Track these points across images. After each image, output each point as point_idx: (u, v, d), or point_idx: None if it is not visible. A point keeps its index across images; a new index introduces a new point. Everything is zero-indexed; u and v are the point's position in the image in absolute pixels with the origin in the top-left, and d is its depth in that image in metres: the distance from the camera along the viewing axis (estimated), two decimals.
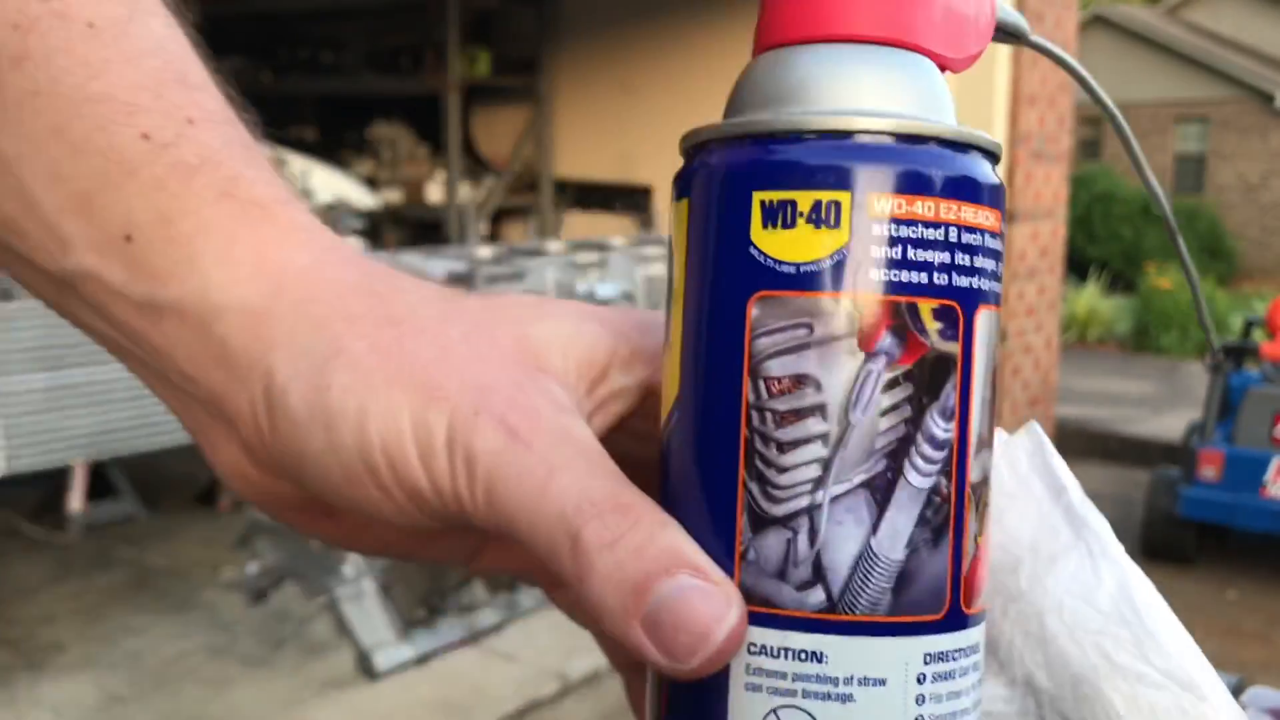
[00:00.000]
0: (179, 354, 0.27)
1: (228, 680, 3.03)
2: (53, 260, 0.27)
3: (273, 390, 0.25)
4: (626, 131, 5.55)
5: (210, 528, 4.09)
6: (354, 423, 0.25)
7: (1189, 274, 0.43)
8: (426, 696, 2.90)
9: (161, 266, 0.26)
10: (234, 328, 0.26)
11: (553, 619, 3.20)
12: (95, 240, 0.26)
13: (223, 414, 0.27)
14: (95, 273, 0.27)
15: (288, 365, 0.25)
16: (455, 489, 0.24)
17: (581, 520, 0.23)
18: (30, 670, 3.07)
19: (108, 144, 0.26)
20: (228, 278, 0.26)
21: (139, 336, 0.27)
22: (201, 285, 0.26)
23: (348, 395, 0.25)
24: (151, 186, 0.26)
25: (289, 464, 0.26)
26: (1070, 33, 5.36)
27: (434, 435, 0.24)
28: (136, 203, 0.26)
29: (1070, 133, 5.53)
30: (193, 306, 0.26)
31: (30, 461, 3.05)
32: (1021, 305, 5.24)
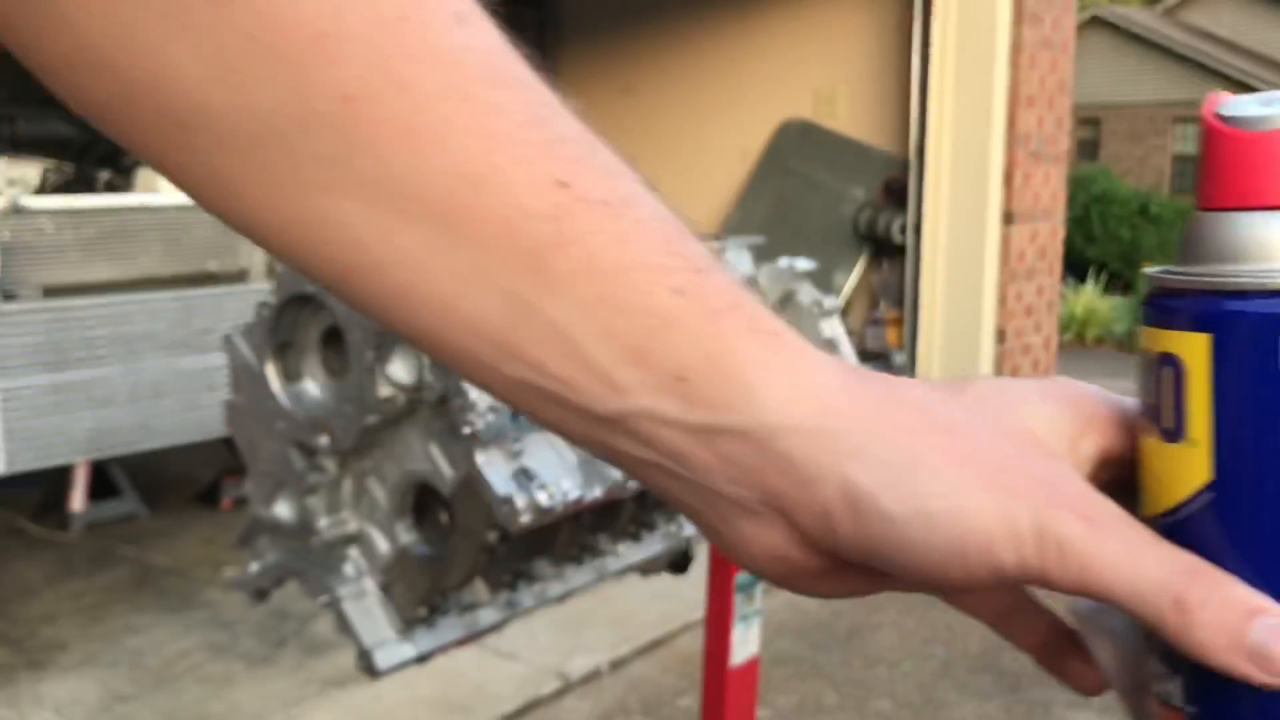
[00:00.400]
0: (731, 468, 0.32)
1: (229, 679, 3.05)
2: (604, 405, 0.33)
3: (858, 496, 0.31)
4: (627, 133, 5.57)
5: (211, 527, 4.11)
6: (951, 520, 0.31)
7: None
8: (427, 695, 2.92)
9: (716, 397, 0.32)
10: (797, 444, 0.32)
11: (553, 618, 3.22)
12: (651, 384, 0.32)
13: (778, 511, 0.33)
14: (651, 410, 0.32)
15: (868, 475, 0.31)
16: (1044, 568, 0.31)
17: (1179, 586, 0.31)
18: (32, 669, 3.09)
19: (650, 303, 0.32)
20: (780, 401, 0.32)
21: (684, 456, 0.33)
22: (758, 410, 0.32)
23: (942, 500, 0.31)
24: (694, 333, 0.32)
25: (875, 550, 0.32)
26: (1069, 34, 5.38)
27: (1021, 526, 0.31)
28: (684, 348, 0.32)
29: (1068, 134, 5.56)
30: (752, 429, 0.32)
31: (32, 461, 3.07)
32: (1020, 305, 5.27)
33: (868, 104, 5.43)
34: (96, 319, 3.14)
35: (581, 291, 0.32)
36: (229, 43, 0.30)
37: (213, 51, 0.30)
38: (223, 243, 3.59)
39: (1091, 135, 19.42)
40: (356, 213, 0.32)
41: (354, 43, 0.31)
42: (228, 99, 0.31)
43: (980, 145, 4.96)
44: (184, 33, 0.30)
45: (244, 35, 0.30)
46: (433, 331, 0.33)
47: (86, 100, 0.32)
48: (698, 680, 1.57)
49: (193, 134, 0.32)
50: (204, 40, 0.30)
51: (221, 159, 0.32)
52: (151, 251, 3.42)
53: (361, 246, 0.32)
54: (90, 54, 0.31)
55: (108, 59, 0.31)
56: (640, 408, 0.32)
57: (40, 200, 3.40)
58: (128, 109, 0.32)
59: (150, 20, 0.30)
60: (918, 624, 3.65)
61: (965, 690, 3.24)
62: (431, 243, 0.32)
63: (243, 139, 0.31)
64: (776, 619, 3.57)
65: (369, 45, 0.31)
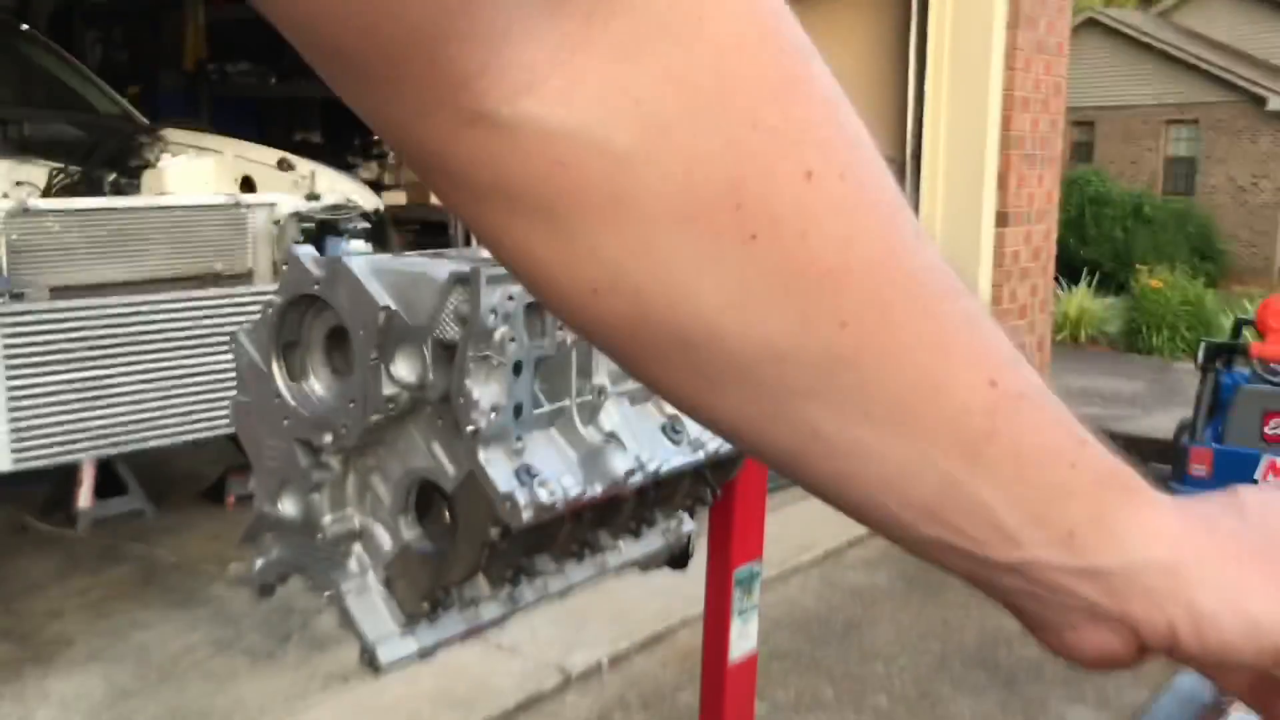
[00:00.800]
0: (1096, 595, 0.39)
1: (234, 674, 3.08)
2: (1005, 555, 0.39)
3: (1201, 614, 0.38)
4: None
5: (217, 523, 4.12)
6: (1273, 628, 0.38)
7: None
8: (429, 689, 2.95)
9: (1096, 547, 0.39)
10: (1154, 577, 0.39)
11: (554, 613, 3.24)
12: (1045, 540, 0.39)
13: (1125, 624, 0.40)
14: (1044, 560, 0.39)
15: (1208, 598, 0.38)
16: None
17: None
18: (38, 664, 3.11)
19: (1054, 478, 0.38)
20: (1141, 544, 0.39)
21: (1060, 589, 0.39)
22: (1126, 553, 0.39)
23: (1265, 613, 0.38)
24: (1084, 499, 0.39)
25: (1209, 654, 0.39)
26: (1063, 37, 5.41)
27: None
28: (1076, 513, 0.39)
29: (1062, 136, 5.59)
30: (1121, 568, 0.39)
31: (39, 458, 3.09)
32: (1014, 305, 5.30)
33: (863, 106, 5.41)
34: (103, 319, 3.16)
35: (1004, 472, 0.38)
36: (750, 278, 0.34)
37: (735, 285, 0.34)
38: (228, 244, 3.62)
39: (1085, 137, 19.40)
40: (825, 413, 0.37)
41: (852, 275, 0.35)
42: (738, 325, 0.35)
43: (975, 147, 4.98)
44: (715, 266, 0.34)
45: (765, 270, 0.34)
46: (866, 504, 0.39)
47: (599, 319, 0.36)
48: (697, 675, 1.59)
49: (698, 353, 0.36)
50: (729, 276, 0.34)
51: (718, 372, 0.36)
52: (158, 252, 3.45)
53: (821, 439, 0.37)
54: (621, 283, 0.35)
55: (634, 287, 0.35)
56: (1035, 558, 0.39)
57: (47, 201, 3.43)
58: (642, 329, 0.36)
59: (685, 257, 0.34)
60: (914, 620, 3.68)
61: (961, 685, 3.27)
62: (886, 437, 0.37)
63: (744, 357, 0.36)
64: (774, 614, 3.60)
65: (864, 277, 0.35)
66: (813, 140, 0.35)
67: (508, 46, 0.31)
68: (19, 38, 5.04)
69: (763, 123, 0.34)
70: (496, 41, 0.31)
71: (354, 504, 1.21)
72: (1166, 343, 9.13)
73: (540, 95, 0.32)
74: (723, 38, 0.33)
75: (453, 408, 1.05)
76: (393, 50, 0.31)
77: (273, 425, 1.18)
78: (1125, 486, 0.40)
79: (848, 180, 0.36)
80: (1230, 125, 18.48)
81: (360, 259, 1.12)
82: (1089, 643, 0.41)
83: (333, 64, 0.33)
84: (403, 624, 1.23)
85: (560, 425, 1.13)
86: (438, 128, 0.33)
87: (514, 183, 0.34)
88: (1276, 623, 0.38)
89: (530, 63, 0.32)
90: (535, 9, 0.31)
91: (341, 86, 0.34)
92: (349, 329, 1.11)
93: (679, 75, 0.33)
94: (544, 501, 1.04)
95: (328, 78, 0.34)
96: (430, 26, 0.31)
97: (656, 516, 1.38)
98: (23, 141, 4.25)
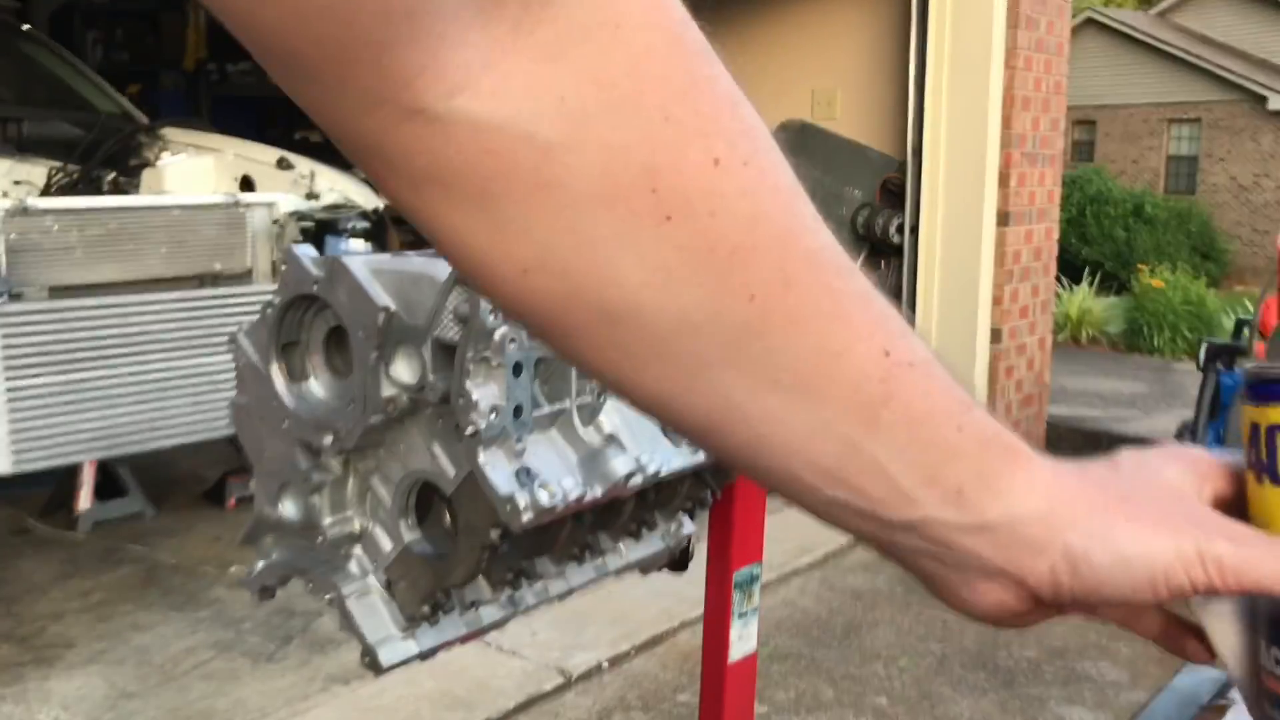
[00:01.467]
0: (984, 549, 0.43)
1: (235, 675, 3.08)
2: (901, 514, 0.43)
3: (1075, 555, 0.43)
4: None
5: (217, 525, 4.13)
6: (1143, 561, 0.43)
7: None
8: (430, 691, 2.95)
9: (982, 502, 0.43)
10: (1033, 527, 0.43)
11: (554, 615, 3.25)
12: (938, 499, 0.43)
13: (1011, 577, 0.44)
14: (936, 517, 0.43)
15: (1079, 540, 0.43)
16: (1209, 581, 0.42)
17: None
18: (39, 666, 3.11)
19: (943, 439, 0.42)
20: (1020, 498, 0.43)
21: (951, 544, 0.43)
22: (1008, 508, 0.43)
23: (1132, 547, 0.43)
24: (970, 459, 0.43)
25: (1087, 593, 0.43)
26: (1063, 36, 5.41)
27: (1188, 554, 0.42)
28: (964, 471, 0.43)
29: (1063, 135, 5.58)
30: (1004, 522, 0.43)
31: (39, 460, 3.09)
32: (1015, 305, 5.29)
33: (865, 105, 5.46)
34: (102, 319, 3.16)
35: (899, 435, 0.42)
36: (666, 255, 0.38)
37: (653, 262, 0.38)
38: (227, 243, 3.62)
39: (1086, 136, 19.41)
40: (736, 381, 0.40)
41: (758, 252, 0.39)
42: (657, 299, 0.39)
43: (976, 146, 4.98)
44: (634, 245, 0.38)
45: (678, 248, 0.38)
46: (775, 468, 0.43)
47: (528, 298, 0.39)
48: (697, 676, 1.59)
49: (621, 327, 0.39)
50: (648, 253, 0.38)
51: (639, 345, 0.40)
52: (157, 252, 3.44)
53: (733, 407, 0.41)
54: (549, 261, 0.38)
55: (562, 266, 0.38)
56: (929, 515, 0.43)
57: (46, 201, 3.42)
58: (569, 305, 0.39)
59: (607, 237, 0.38)
60: (914, 621, 3.68)
61: (961, 686, 3.27)
62: (793, 404, 0.41)
63: (662, 329, 0.39)
64: (775, 616, 3.60)
65: (768, 254, 0.39)
66: (718, 131, 0.38)
67: (444, 50, 0.35)
68: (19, 37, 5.04)
69: (673, 116, 0.37)
70: (435, 46, 0.35)
71: (354, 506, 1.20)
72: (1168, 343, 9.13)
73: (473, 93, 0.36)
74: (636, 42, 0.37)
75: (453, 409, 1.05)
76: (342, 55, 0.34)
77: (272, 427, 1.18)
78: (1007, 447, 0.44)
79: (750, 167, 0.39)
80: (1231, 124, 18.48)
81: (360, 259, 1.12)
82: (986, 598, 0.45)
83: (281, 65, 0.36)
84: (403, 626, 1.22)
85: (560, 427, 1.13)
86: (378, 121, 0.36)
87: (449, 170, 0.37)
88: (1142, 557, 0.42)
89: (464, 64, 0.35)
90: (469, 17, 0.35)
91: (286, 83, 0.37)
92: (348, 329, 1.10)
93: (598, 75, 0.36)
94: (544, 503, 1.04)
95: (274, 75, 0.36)
96: (378, 33, 0.34)
97: (656, 519, 1.38)
98: (22, 141, 4.25)
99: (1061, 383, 6.60)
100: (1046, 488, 0.44)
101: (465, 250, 0.39)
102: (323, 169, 4.11)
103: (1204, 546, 0.42)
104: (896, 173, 5.31)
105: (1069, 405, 6.29)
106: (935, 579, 0.45)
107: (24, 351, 3.00)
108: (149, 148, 4.34)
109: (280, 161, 4.11)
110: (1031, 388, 5.53)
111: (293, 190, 3.94)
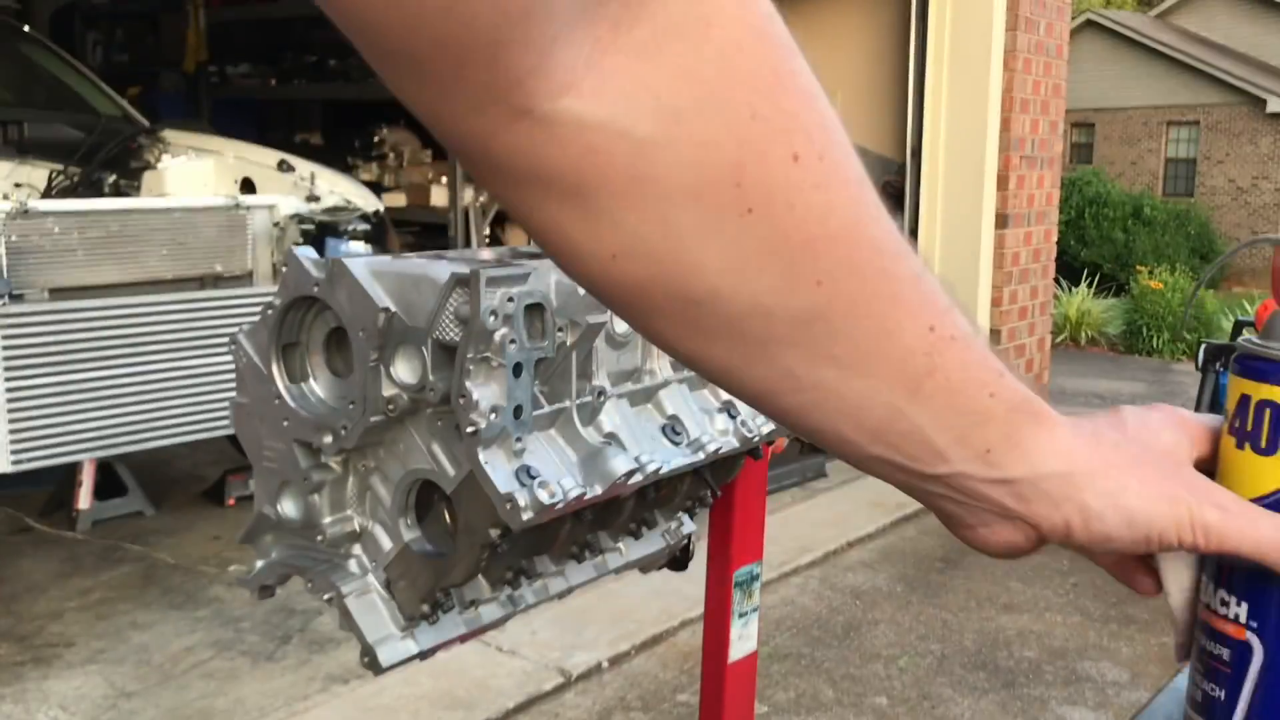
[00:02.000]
0: (1007, 499, 0.48)
1: (234, 674, 3.08)
2: (934, 468, 0.47)
3: (1089, 512, 0.48)
4: None
5: (217, 524, 4.13)
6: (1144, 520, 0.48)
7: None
8: (430, 690, 2.96)
9: (1008, 461, 0.48)
10: (1053, 484, 0.48)
11: (554, 614, 3.25)
12: (967, 456, 0.47)
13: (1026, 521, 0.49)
14: (966, 472, 0.48)
15: (1096, 500, 0.48)
16: (1196, 542, 0.49)
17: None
18: (39, 665, 3.11)
19: (976, 406, 0.47)
20: (1043, 459, 0.48)
21: (977, 494, 0.48)
22: (1031, 466, 0.48)
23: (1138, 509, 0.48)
24: (1000, 423, 0.47)
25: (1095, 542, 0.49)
26: (1063, 39, 5.42)
27: (1182, 518, 0.48)
28: (993, 434, 0.47)
29: (1062, 137, 5.59)
30: (1027, 477, 0.48)
31: (39, 459, 3.10)
32: (1014, 307, 5.30)
33: (864, 107, 5.46)
34: (103, 320, 3.16)
35: (938, 402, 0.46)
36: (745, 245, 0.41)
37: (733, 252, 0.41)
38: (228, 245, 3.62)
39: (1085, 139, 19.42)
40: (797, 357, 0.44)
41: (829, 242, 0.42)
42: (733, 285, 0.42)
43: (975, 149, 4.99)
44: (717, 235, 0.40)
45: (757, 239, 0.41)
46: (821, 429, 0.47)
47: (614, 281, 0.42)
48: (697, 676, 1.59)
49: (699, 309, 0.42)
50: (731, 241, 0.41)
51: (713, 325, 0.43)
52: (157, 253, 3.45)
53: (790, 378, 0.45)
54: (638, 249, 0.41)
55: (650, 251, 0.41)
56: (958, 470, 0.48)
57: (47, 203, 3.43)
58: (652, 289, 0.42)
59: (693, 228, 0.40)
60: (914, 621, 3.68)
61: (961, 686, 3.27)
62: (847, 377, 0.45)
63: (735, 312, 0.42)
64: (775, 615, 3.61)
65: (837, 243, 0.42)
66: (799, 127, 0.41)
67: (555, 50, 0.36)
68: (20, 39, 5.04)
69: (759, 113, 0.40)
70: (546, 46, 0.36)
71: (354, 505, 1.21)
72: (1167, 344, 9.14)
73: (578, 92, 0.37)
74: (725, 39, 0.39)
75: (453, 409, 1.05)
76: (458, 54, 0.36)
77: (272, 426, 1.18)
78: (1033, 412, 0.48)
79: (825, 160, 0.42)
80: (1230, 126, 18.49)
81: (360, 260, 1.12)
82: (998, 537, 0.50)
83: (394, 64, 0.37)
84: (403, 625, 1.22)
85: (560, 426, 1.13)
86: (489, 122, 0.38)
87: (551, 168, 0.39)
88: (1146, 515, 0.48)
89: (570, 64, 0.37)
90: (575, 18, 0.36)
91: (396, 83, 0.38)
92: (349, 330, 1.11)
93: (690, 72, 0.38)
94: (544, 502, 1.04)
95: (384, 75, 0.37)
96: (494, 33, 0.35)
97: (656, 518, 1.38)
98: (23, 143, 4.26)
99: (1061, 383, 6.61)
100: (1068, 449, 0.48)
101: (559, 239, 0.41)
102: (323, 171, 4.12)
103: (1196, 511, 0.48)
104: (896, 174, 5.32)
105: (1068, 406, 6.28)
106: (954, 518, 0.50)
107: (24, 352, 3.00)
108: (150, 150, 4.34)
109: (281, 164, 4.11)
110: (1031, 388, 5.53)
111: (293, 192, 3.95)
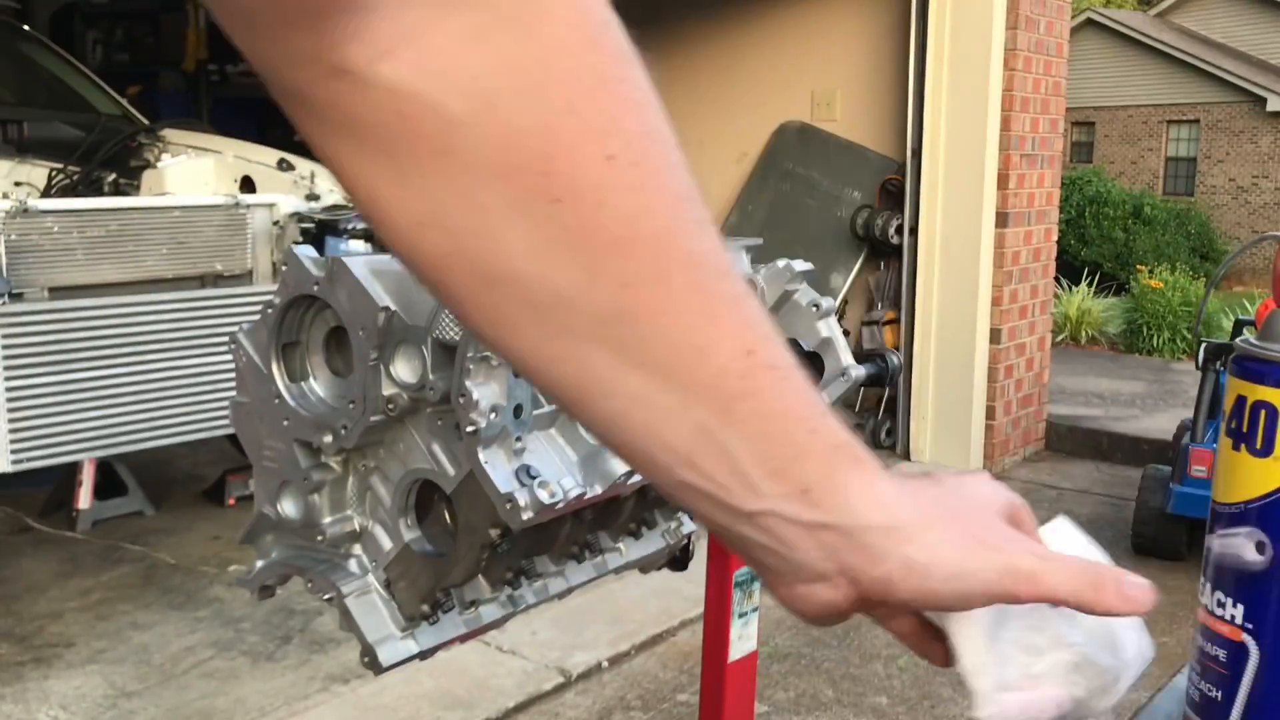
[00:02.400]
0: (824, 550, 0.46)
1: (234, 674, 3.08)
2: (746, 504, 0.45)
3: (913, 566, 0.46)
4: None
5: (217, 524, 4.13)
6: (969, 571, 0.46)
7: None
8: (430, 690, 2.96)
9: (828, 503, 0.45)
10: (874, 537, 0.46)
11: (554, 614, 3.25)
12: (784, 493, 0.45)
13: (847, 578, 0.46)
14: (778, 511, 0.45)
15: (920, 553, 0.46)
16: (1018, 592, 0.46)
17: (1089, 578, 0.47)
18: (39, 665, 3.11)
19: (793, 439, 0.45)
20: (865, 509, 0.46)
21: (792, 542, 0.46)
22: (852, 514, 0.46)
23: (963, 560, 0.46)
24: (820, 461, 0.45)
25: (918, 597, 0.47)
26: (1063, 37, 5.41)
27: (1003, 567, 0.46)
28: (812, 471, 0.45)
29: (1062, 136, 5.59)
30: (846, 525, 0.46)
31: (39, 459, 3.09)
32: (1014, 306, 5.30)
33: (865, 107, 5.46)
34: (102, 319, 3.16)
35: (751, 428, 0.44)
36: (552, 232, 0.42)
37: (539, 237, 0.42)
38: (228, 244, 3.62)
39: (1085, 137, 19.43)
40: (603, 358, 0.44)
41: (638, 246, 0.42)
42: (537, 270, 0.42)
43: (975, 147, 4.98)
44: (522, 218, 0.41)
45: (563, 228, 0.42)
46: (633, 444, 0.46)
47: (420, 249, 0.43)
48: (697, 675, 1.59)
49: (498, 291, 0.43)
50: (535, 227, 0.42)
51: (515, 310, 0.43)
52: (157, 252, 3.45)
53: (599, 380, 0.44)
54: (441, 219, 0.42)
55: (455, 225, 0.42)
56: (773, 508, 0.45)
57: (47, 202, 3.42)
58: (454, 263, 0.43)
59: (497, 206, 0.41)
60: None
61: (961, 686, 3.26)
62: (653, 385, 0.44)
63: (537, 299, 0.43)
64: (774, 615, 3.60)
65: (646, 249, 0.43)
66: (616, 130, 0.42)
67: (375, 20, 0.40)
68: (19, 38, 5.04)
69: (576, 109, 0.41)
70: (367, 15, 0.40)
71: (354, 505, 1.20)
72: (1167, 343, 9.13)
73: (395, 61, 0.40)
74: (553, 38, 0.41)
75: (453, 408, 1.05)
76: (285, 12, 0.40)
77: (272, 426, 1.18)
78: (855, 457, 0.47)
79: (642, 167, 0.42)
80: (1230, 125, 18.48)
81: (360, 259, 1.12)
82: (817, 598, 0.48)
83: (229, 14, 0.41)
84: (403, 625, 1.22)
85: (560, 426, 1.13)
86: (309, 74, 0.41)
87: (363, 124, 0.41)
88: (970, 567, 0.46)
89: (390, 34, 0.40)
90: None
91: (231, 31, 0.41)
92: (349, 329, 1.10)
93: (511, 61, 0.41)
94: (544, 502, 1.04)
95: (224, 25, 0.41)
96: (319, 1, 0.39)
97: (656, 517, 1.38)
98: (22, 142, 4.25)
99: (1061, 383, 6.60)
100: (891, 500, 0.47)
101: (370, 197, 0.43)
102: (323, 170, 4.11)
103: (1016, 564, 0.47)
104: (896, 174, 5.32)
105: (1068, 405, 6.28)
106: (771, 572, 0.48)
107: (24, 351, 3.00)
108: (149, 149, 4.34)
109: (281, 163, 4.11)
110: (1031, 387, 5.54)
111: (293, 191, 3.94)
